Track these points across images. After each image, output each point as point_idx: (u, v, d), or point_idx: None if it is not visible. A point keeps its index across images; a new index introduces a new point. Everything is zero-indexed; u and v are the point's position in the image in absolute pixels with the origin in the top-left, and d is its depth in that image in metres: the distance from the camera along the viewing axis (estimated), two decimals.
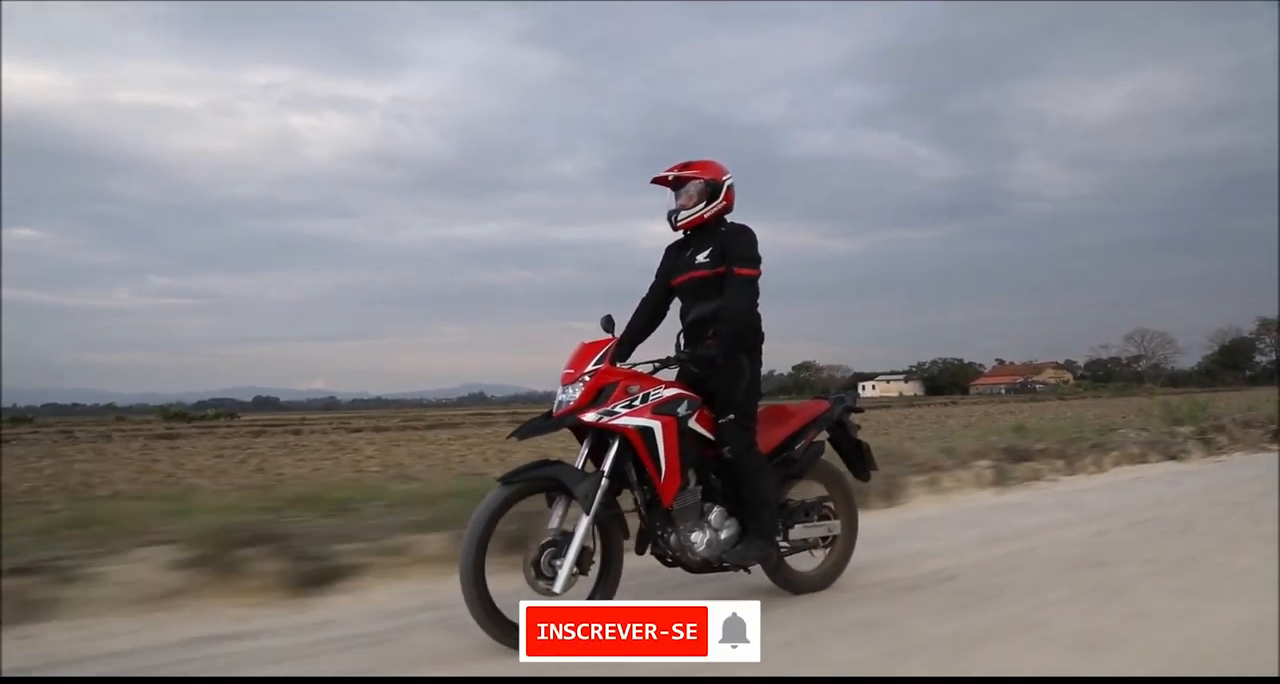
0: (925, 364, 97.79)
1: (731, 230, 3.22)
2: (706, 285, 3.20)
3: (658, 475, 2.84)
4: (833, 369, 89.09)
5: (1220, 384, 68.76)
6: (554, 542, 2.72)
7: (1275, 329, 79.26)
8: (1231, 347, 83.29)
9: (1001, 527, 4.86)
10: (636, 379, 2.95)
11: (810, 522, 3.38)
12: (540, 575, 2.69)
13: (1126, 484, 6.78)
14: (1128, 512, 5.33)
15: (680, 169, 3.24)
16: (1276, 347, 78.35)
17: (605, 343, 2.96)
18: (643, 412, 2.84)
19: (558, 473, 2.77)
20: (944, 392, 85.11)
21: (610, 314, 3.17)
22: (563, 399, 2.87)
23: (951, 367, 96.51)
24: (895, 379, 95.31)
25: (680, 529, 2.95)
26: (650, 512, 2.94)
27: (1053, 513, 5.35)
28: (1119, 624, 2.91)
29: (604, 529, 2.84)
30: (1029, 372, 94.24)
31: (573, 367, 2.90)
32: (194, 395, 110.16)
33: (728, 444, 3.04)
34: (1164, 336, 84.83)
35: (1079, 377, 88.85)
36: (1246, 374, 79.27)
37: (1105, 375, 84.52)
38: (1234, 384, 68.28)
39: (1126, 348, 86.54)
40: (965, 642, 2.75)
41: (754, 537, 3.06)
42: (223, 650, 2.74)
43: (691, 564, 3.01)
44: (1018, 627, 2.91)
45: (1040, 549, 4.27)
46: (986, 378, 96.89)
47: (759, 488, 3.06)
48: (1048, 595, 3.30)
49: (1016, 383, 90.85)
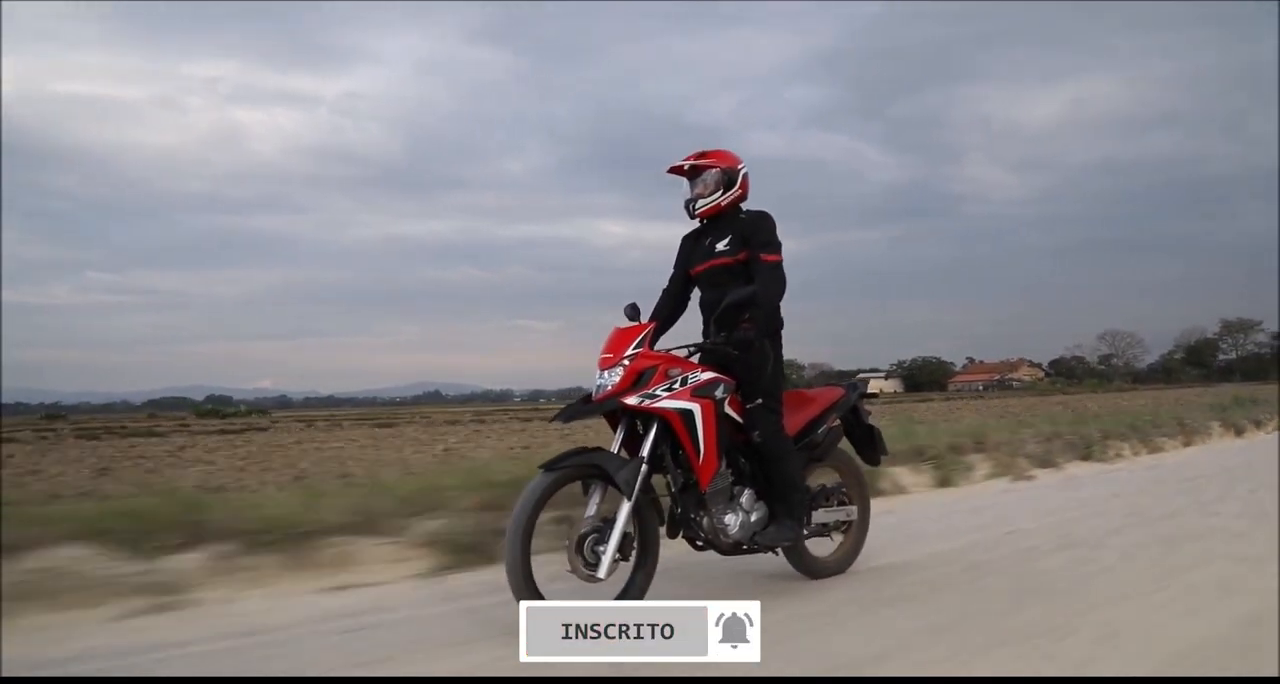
0: (905, 362, 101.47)
1: (751, 217, 3.27)
2: (727, 273, 3.25)
3: (696, 458, 2.91)
4: (814, 367, 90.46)
5: (1178, 381, 71.50)
6: (596, 528, 2.77)
7: (1237, 330, 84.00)
8: (1197, 347, 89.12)
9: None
10: (676, 362, 3.02)
11: (830, 506, 3.47)
12: (583, 561, 2.73)
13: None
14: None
15: (696, 158, 3.30)
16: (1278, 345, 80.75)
17: (643, 328, 3.02)
18: (682, 394, 2.91)
19: (600, 459, 2.82)
20: (922, 389, 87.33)
21: (635, 303, 3.21)
22: (602, 383, 2.91)
23: (930, 365, 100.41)
24: (876, 377, 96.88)
25: (713, 512, 3.00)
26: (684, 495, 2.99)
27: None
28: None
29: (640, 514, 2.90)
30: (1005, 369, 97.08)
31: (611, 351, 2.95)
32: (140, 394, 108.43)
33: (757, 428, 3.12)
34: (1132, 336, 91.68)
35: (1045, 375, 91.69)
36: (1207, 372, 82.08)
37: (1068, 373, 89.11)
38: (1198, 381, 70.42)
39: (1099, 347, 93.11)
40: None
41: (783, 519, 3.14)
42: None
43: (723, 546, 3.08)
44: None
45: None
46: (964, 375, 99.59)
47: (788, 471, 3.14)
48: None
49: (994, 380, 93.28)
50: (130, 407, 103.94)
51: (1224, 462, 8.30)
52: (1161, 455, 8.96)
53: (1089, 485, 6.59)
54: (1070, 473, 7.39)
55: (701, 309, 3.42)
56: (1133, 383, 73.06)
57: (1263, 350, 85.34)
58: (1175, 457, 8.93)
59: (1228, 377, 75.12)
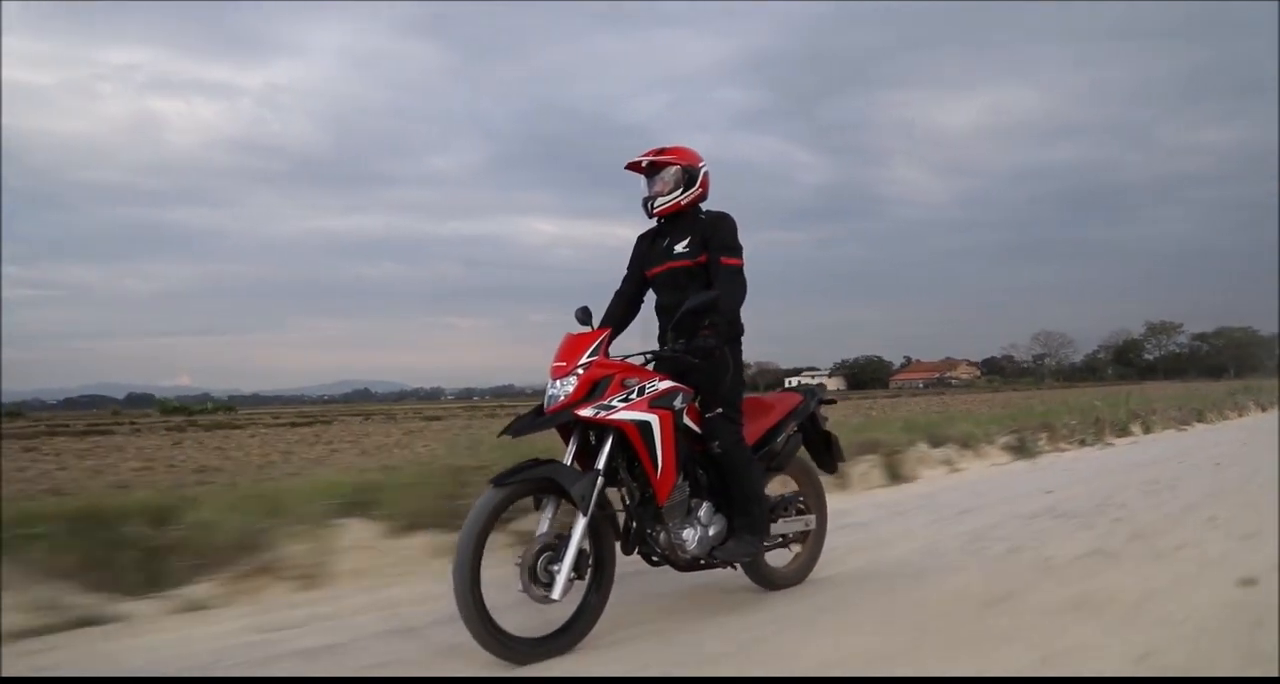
0: (848, 361, 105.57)
1: (711, 218, 3.16)
2: (686, 276, 3.13)
3: (654, 472, 2.79)
4: (762, 365, 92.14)
5: (1102, 380, 76.30)
6: (550, 546, 2.63)
7: (1160, 332, 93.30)
8: (1124, 347, 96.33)
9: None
10: (632, 371, 2.89)
11: (789, 516, 3.37)
12: (536, 582, 2.58)
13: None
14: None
15: (655, 154, 3.18)
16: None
17: (597, 335, 2.88)
18: (639, 405, 2.78)
19: (553, 473, 2.68)
20: (865, 387, 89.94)
21: (586, 306, 3.08)
22: (554, 394, 2.76)
23: (872, 364, 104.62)
24: (820, 375, 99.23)
25: (670, 527, 2.88)
26: (640, 510, 2.86)
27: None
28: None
29: (596, 530, 2.77)
30: (945, 368, 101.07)
31: (563, 359, 2.80)
32: (54, 393, 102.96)
33: (716, 438, 3.02)
34: (1064, 336, 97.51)
35: (981, 373, 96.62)
36: (1134, 370, 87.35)
37: (1000, 372, 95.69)
38: (1124, 380, 74.69)
39: (1033, 347, 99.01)
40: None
41: (743, 533, 3.04)
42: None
43: (680, 562, 2.98)
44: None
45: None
46: (906, 373, 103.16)
47: (748, 483, 3.04)
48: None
49: (934, 378, 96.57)
50: (45, 405, 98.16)
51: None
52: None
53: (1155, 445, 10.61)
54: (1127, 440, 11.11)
55: (657, 313, 3.29)
56: (1063, 381, 77.16)
57: (1182, 350, 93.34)
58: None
59: (1150, 375, 79.99)
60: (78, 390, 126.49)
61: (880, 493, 6.30)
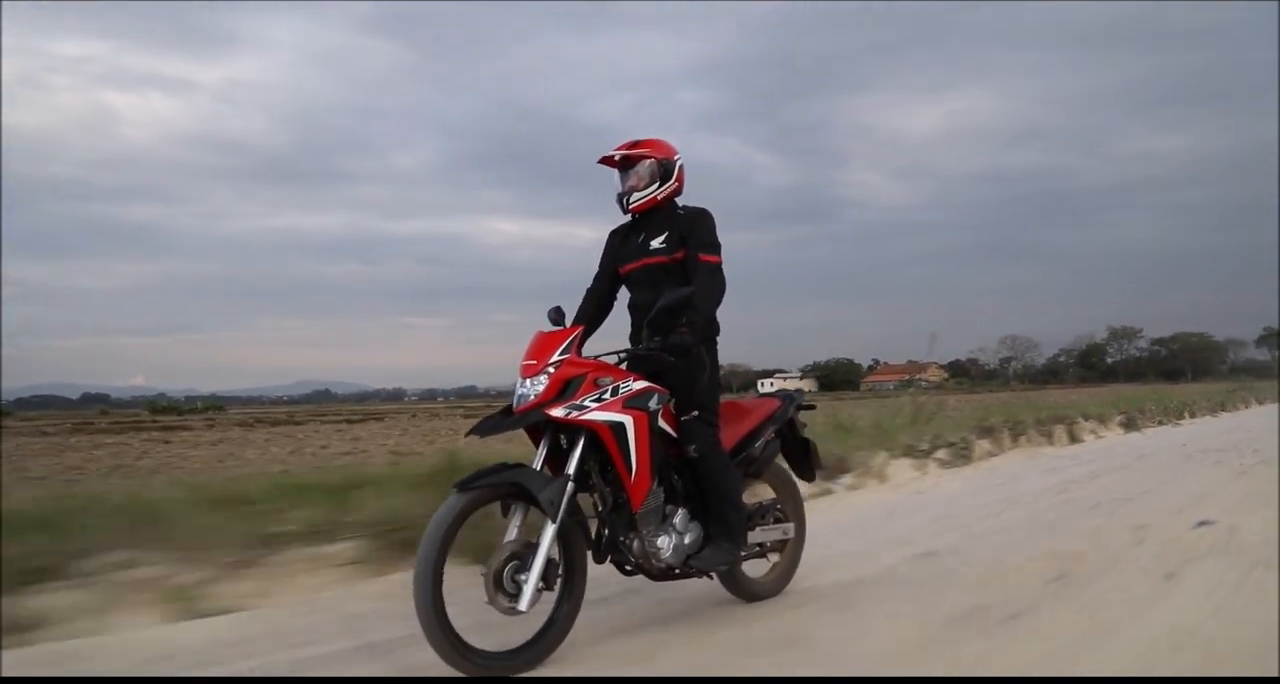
0: (821, 362, 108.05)
1: (689, 214, 3.05)
2: (662, 273, 3.02)
3: (627, 476, 2.67)
4: (734, 366, 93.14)
5: (1064, 382, 78.93)
6: (517, 555, 2.50)
7: (1122, 337, 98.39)
8: (1088, 351, 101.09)
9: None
10: (606, 370, 2.77)
11: (767, 524, 3.27)
12: (502, 592, 2.45)
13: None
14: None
15: (629, 147, 3.08)
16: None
17: (569, 332, 2.76)
18: (613, 405, 2.66)
19: (520, 477, 2.54)
20: (837, 388, 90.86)
21: (559, 306, 2.96)
22: (524, 393, 2.63)
23: (843, 365, 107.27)
24: (791, 377, 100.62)
25: (644, 534, 2.77)
26: (613, 516, 2.74)
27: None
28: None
29: (566, 537, 2.66)
30: (914, 370, 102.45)
31: (534, 357, 2.67)
32: (3, 392, 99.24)
33: (693, 442, 2.91)
34: (1029, 341, 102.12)
35: (948, 376, 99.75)
36: (1096, 373, 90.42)
37: (964, 374, 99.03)
38: (1086, 382, 77.07)
39: (1000, 350, 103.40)
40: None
41: (720, 540, 2.93)
42: None
43: (655, 571, 2.87)
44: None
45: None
46: (877, 375, 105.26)
47: (725, 488, 2.93)
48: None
49: (904, 380, 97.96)
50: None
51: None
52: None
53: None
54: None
55: (631, 311, 3.18)
56: (1029, 383, 79.52)
57: (1142, 354, 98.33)
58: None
59: (1111, 378, 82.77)
60: (28, 390, 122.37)
61: (1099, 440, 11.33)
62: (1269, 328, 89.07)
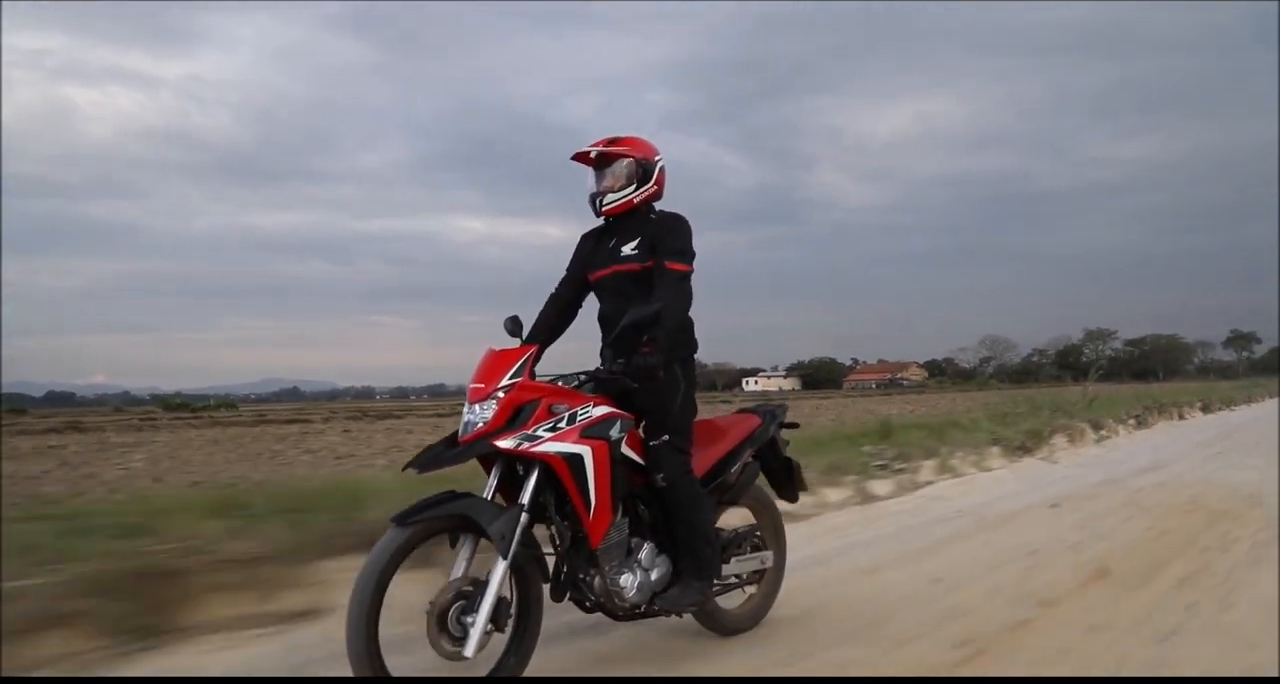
0: (804, 362, 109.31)
1: (663, 219, 2.81)
2: (633, 281, 2.78)
3: (585, 510, 2.43)
4: (719, 365, 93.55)
5: (1040, 381, 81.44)
6: (464, 594, 2.26)
7: (1097, 338, 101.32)
8: (1065, 351, 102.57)
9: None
10: (562, 395, 2.52)
11: (743, 554, 3.03)
12: (446, 634, 2.21)
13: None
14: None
15: (606, 144, 2.84)
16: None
17: (522, 352, 2.50)
18: (569, 435, 2.41)
19: (467, 508, 2.29)
20: (819, 387, 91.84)
21: (516, 315, 2.71)
22: (471, 420, 2.39)
23: (826, 364, 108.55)
24: (775, 375, 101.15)
25: (606, 571, 2.52)
26: (571, 552, 2.49)
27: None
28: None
29: (520, 574, 2.43)
30: (896, 369, 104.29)
31: (482, 380, 2.42)
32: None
33: (662, 470, 2.67)
34: (1007, 341, 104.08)
35: (928, 375, 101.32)
36: (1071, 373, 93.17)
37: (941, 373, 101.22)
38: (1060, 382, 79.34)
39: (979, 350, 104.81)
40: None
41: (689, 579, 2.68)
42: None
43: (617, 611, 2.60)
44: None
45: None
46: (859, 374, 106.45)
47: (696, 521, 2.69)
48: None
49: (885, 379, 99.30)
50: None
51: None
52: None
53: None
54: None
55: (600, 323, 2.93)
56: (1007, 382, 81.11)
57: (1116, 355, 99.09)
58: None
59: (1085, 378, 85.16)
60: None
61: (1201, 418, 16.46)
62: (1235, 330, 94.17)
